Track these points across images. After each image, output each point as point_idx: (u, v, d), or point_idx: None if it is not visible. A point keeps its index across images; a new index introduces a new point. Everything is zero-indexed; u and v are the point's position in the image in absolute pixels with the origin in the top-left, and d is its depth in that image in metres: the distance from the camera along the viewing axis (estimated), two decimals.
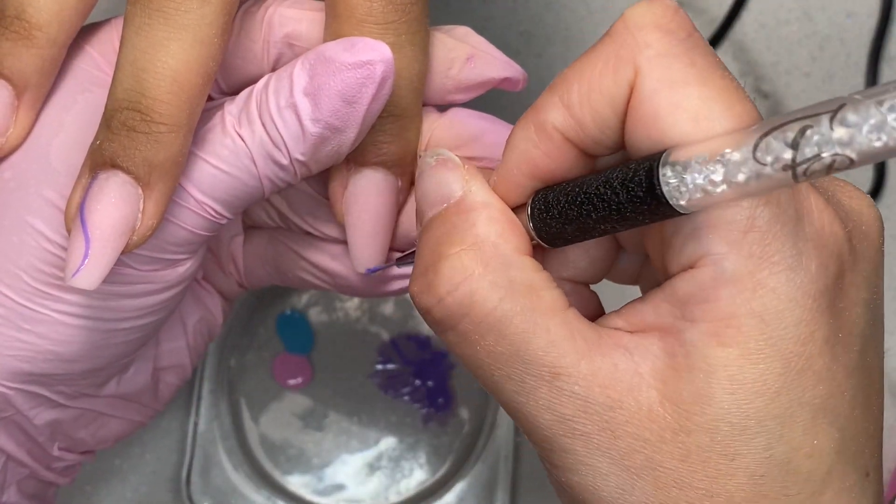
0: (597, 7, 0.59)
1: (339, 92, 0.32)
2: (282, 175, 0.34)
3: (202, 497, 0.54)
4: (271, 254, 0.40)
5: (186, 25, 0.31)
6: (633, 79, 0.28)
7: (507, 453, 0.54)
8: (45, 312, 0.34)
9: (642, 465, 0.29)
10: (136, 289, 0.35)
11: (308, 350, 0.56)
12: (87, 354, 0.36)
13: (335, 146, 0.33)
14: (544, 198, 0.31)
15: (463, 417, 0.56)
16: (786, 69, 0.59)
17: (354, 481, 0.55)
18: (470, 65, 0.35)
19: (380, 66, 0.32)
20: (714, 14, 0.59)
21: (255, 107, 0.33)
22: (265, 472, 0.55)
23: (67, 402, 0.38)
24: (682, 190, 0.26)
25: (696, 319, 0.28)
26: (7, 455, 0.38)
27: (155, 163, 0.31)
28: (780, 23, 0.59)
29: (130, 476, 0.55)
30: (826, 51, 0.59)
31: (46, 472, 0.39)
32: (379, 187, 0.35)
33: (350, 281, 0.38)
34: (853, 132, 0.23)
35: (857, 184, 0.59)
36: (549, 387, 0.29)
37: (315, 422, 0.56)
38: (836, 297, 0.29)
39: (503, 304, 0.29)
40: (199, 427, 0.54)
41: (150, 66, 0.30)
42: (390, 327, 0.56)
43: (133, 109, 0.31)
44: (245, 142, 0.33)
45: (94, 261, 0.31)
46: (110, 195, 0.31)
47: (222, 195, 0.33)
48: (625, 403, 0.29)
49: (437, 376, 0.56)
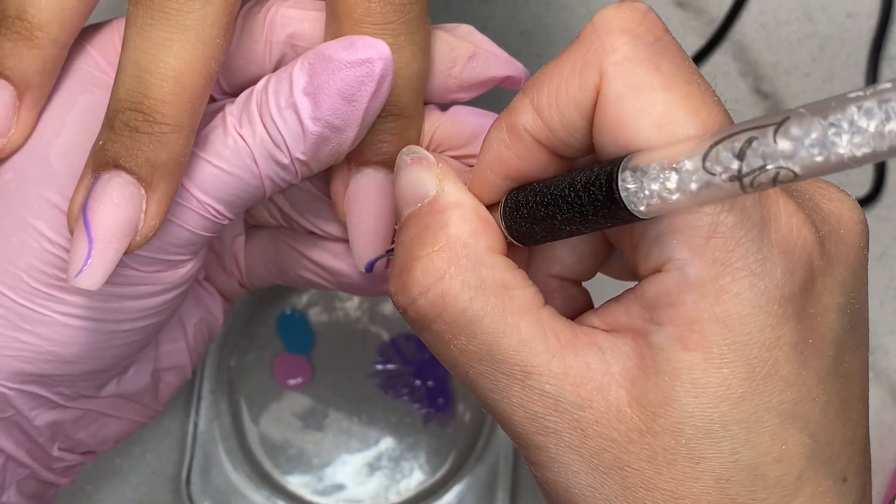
0: (597, 7, 0.59)
1: (338, 90, 0.32)
2: (283, 175, 0.34)
3: (202, 497, 0.54)
4: (273, 253, 0.40)
5: (189, 26, 0.31)
6: (598, 83, 0.28)
7: (507, 453, 0.54)
8: (46, 313, 0.34)
9: (611, 464, 0.29)
10: (137, 290, 0.35)
11: (308, 350, 0.56)
12: (88, 356, 0.36)
13: (335, 145, 0.33)
14: (515, 197, 0.31)
15: (463, 417, 0.56)
16: (786, 69, 0.59)
17: (354, 481, 0.55)
18: (472, 63, 0.35)
19: (378, 63, 0.32)
20: (714, 14, 0.59)
21: (255, 107, 0.33)
22: (265, 471, 0.55)
23: (67, 403, 0.38)
24: (639, 196, 0.26)
25: (663, 323, 0.28)
26: (7, 455, 0.38)
27: (157, 163, 0.31)
28: (780, 23, 0.59)
29: (131, 476, 0.55)
30: (826, 51, 0.59)
31: (46, 472, 0.39)
32: (380, 186, 0.35)
33: (352, 279, 0.38)
34: (796, 145, 0.23)
35: (857, 184, 0.59)
36: (521, 385, 0.29)
37: (315, 422, 0.56)
38: (805, 302, 0.28)
39: (474, 303, 0.29)
40: (199, 427, 0.54)
41: (153, 67, 0.31)
42: (390, 327, 0.56)
43: (135, 110, 0.31)
44: (246, 142, 0.33)
45: (96, 261, 0.31)
46: (113, 195, 0.31)
47: (224, 195, 0.33)
48: (594, 403, 0.29)
49: (437, 376, 0.56)
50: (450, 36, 0.35)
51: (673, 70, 0.28)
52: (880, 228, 0.58)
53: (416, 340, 0.56)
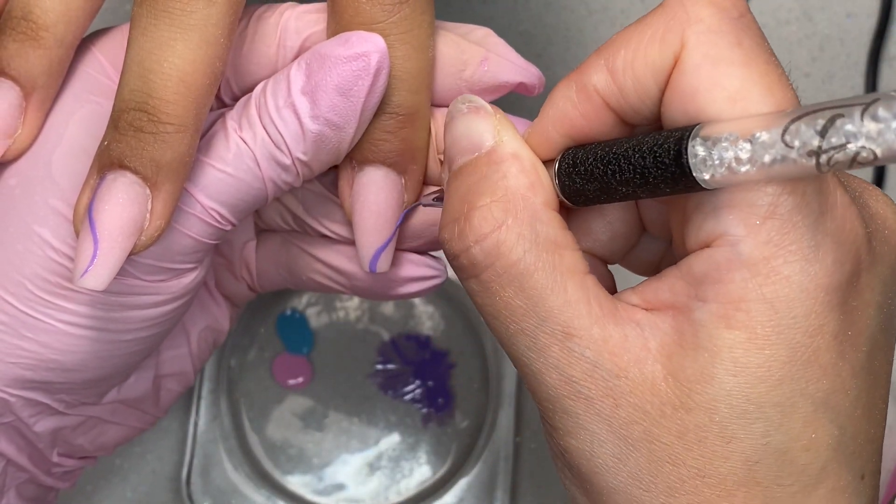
0: (597, 7, 0.59)
1: (335, 86, 0.32)
2: (285, 176, 0.34)
3: (202, 497, 0.54)
4: (284, 257, 0.39)
5: (192, 26, 0.31)
6: (678, 51, 0.28)
7: (507, 453, 0.54)
8: (49, 321, 0.34)
9: (639, 436, 0.29)
10: (140, 300, 0.35)
11: (308, 350, 0.56)
12: (89, 364, 0.35)
13: (335, 143, 0.33)
14: (573, 155, 0.31)
15: (463, 417, 0.56)
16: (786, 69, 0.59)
17: (354, 481, 0.55)
18: (483, 68, 0.35)
19: (374, 56, 0.32)
20: None
21: (254, 110, 0.33)
22: (265, 471, 0.55)
23: (68, 410, 0.38)
24: (707, 164, 0.26)
25: (708, 299, 0.28)
26: (7, 459, 0.38)
27: (162, 163, 0.31)
28: (780, 23, 0.59)
29: (131, 476, 0.55)
30: (826, 51, 0.59)
31: (46, 477, 0.39)
32: (379, 185, 0.35)
33: (364, 281, 0.38)
34: (882, 128, 0.23)
35: None
36: (561, 346, 0.29)
37: (315, 422, 0.56)
38: (849, 294, 0.29)
39: (527, 256, 0.29)
40: (199, 427, 0.54)
41: (157, 67, 0.31)
42: (390, 327, 0.56)
43: (140, 110, 0.31)
44: (248, 144, 0.33)
45: (102, 261, 0.31)
46: (118, 195, 0.31)
47: (228, 199, 0.33)
48: (630, 373, 0.29)
49: (437, 376, 0.56)
50: (461, 39, 0.35)
51: (753, 47, 0.28)
52: None
53: (416, 340, 0.56)
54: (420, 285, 0.38)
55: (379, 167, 0.35)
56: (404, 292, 0.38)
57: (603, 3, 0.59)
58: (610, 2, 0.59)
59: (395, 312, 0.57)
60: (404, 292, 0.38)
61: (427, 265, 0.38)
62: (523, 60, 0.36)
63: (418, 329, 0.56)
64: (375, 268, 0.35)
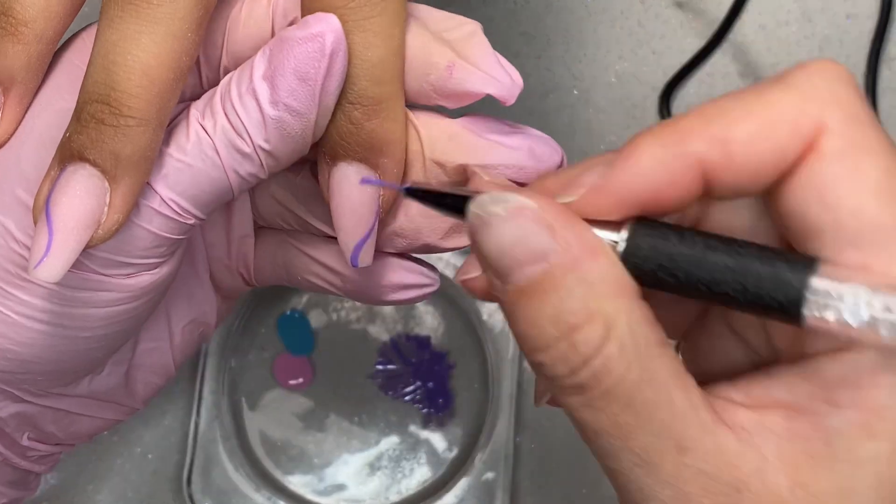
0: (597, 8, 0.59)
1: (293, 69, 0.32)
2: (247, 166, 0.33)
3: (203, 497, 0.54)
4: (282, 257, 0.39)
5: (158, 19, 0.30)
6: (814, 136, 0.26)
7: (507, 453, 0.54)
8: (7, 313, 0.34)
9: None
10: (99, 297, 0.34)
11: (309, 350, 0.56)
12: (46, 357, 0.35)
13: (298, 130, 0.32)
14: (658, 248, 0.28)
15: (463, 417, 0.56)
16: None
17: (355, 481, 0.55)
18: (447, 73, 0.33)
19: (329, 35, 0.31)
20: (714, 15, 0.59)
21: (218, 99, 0.33)
22: (266, 472, 0.55)
23: (33, 399, 0.37)
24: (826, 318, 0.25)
25: (843, 406, 0.26)
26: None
27: (122, 156, 0.31)
28: (780, 24, 0.59)
29: (132, 476, 0.55)
30: (825, 52, 0.59)
31: (20, 460, 0.39)
32: (352, 180, 0.34)
33: (356, 284, 0.38)
34: None
35: None
36: (675, 462, 0.27)
37: (316, 422, 0.56)
38: None
39: (632, 369, 0.27)
40: (200, 427, 0.54)
41: (121, 60, 0.30)
42: (390, 327, 0.57)
43: (102, 102, 0.30)
44: (207, 132, 0.33)
45: (56, 252, 0.30)
46: (76, 187, 0.31)
47: (187, 189, 0.33)
48: (752, 486, 0.27)
49: (437, 376, 0.56)
50: (431, 39, 0.34)
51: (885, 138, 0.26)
52: None
53: (416, 340, 0.56)
54: (412, 293, 0.38)
55: (350, 163, 0.34)
56: (396, 298, 0.38)
57: (603, 4, 0.59)
58: (610, 2, 0.59)
59: (396, 313, 0.57)
60: (396, 298, 0.38)
61: (421, 273, 0.37)
62: (498, 69, 0.33)
63: (418, 329, 0.57)
64: (357, 262, 0.35)
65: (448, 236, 0.36)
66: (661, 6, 0.59)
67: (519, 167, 0.34)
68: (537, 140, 0.34)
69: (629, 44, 0.59)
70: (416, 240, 0.36)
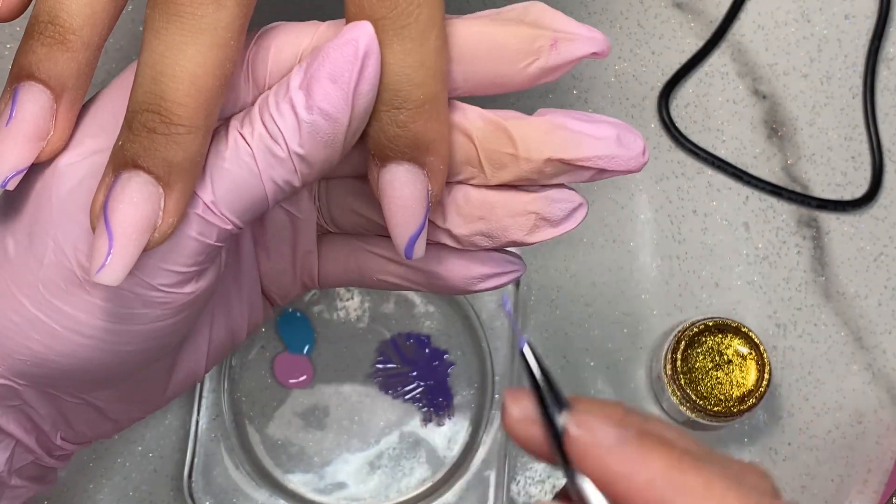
0: (597, 8, 0.59)
1: (327, 74, 0.33)
2: (282, 172, 0.34)
3: (204, 495, 0.54)
4: (354, 262, 0.40)
5: (202, 29, 0.31)
6: None
7: (507, 452, 0.54)
8: (55, 326, 0.35)
9: None
10: (143, 314, 0.35)
11: (309, 349, 0.56)
12: (90, 370, 0.36)
13: (330, 134, 0.33)
14: None
15: (463, 416, 0.56)
16: (784, 70, 0.59)
17: (355, 480, 0.55)
18: (555, 51, 0.35)
19: (363, 39, 0.32)
20: (712, 15, 0.59)
21: (256, 109, 0.34)
22: (266, 470, 0.55)
23: (74, 401, 0.38)
24: None
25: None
26: (16, 441, 0.39)
27: (174, 162, 0.32)
28: (778, 24, 0.59)
29: (133, 474, 0.55)
30: (824, 52, 0.59)
31: (49, 458, 0.40)
32: (402, 180, 0.35)
33: (444, 279, 0.39)
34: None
35: (855, 184, 0.59)
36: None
37: (316, 421, 0.56)
38: None
39: None
40: (200, 426, 0.55)
41: (169, 70, 0.31)
42: (391, 326, 0.57)
43: (153, 111, 0.31)
44: (245, 140, 0.34)
45: (117, 257, 0.32)
46: (132, 194, 0.32)
47: (225, 193, 0.34)
48: None
49: (437, 376, 0.56)
50: (523, 28, 0.35)
51: None
52: (877, 228, 0.58)
53: (417, 340, 0.56)
54: (498, 280, 0.39)
55: (399, 163, 0.35)
56: (483, 287, 0.39)
57: (603, 4, 0.59)
58: (610, 2, 0.59)
59: (396, 312, 0.57)
60: (483, 287, 0.39)
61: (505, 261, 0.39)
62: (584, 28, 0.36)
63: (418, 329, 0.57)
64: (411, 255, 0.36)
65: (532, 232, 0.37)
66: (660, 6, 0.59)
67: (610, 157, 0.36)
68: (622, 128, 0.36)
69: (628, 44, 0.59)
70: (502, 238, 0.37)
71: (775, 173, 0.58)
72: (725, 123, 0.59)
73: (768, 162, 0.58)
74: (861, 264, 0.58)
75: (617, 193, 0.58)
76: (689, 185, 0.58)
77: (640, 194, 0.58)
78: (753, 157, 0.58)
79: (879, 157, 0.58)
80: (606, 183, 0.57)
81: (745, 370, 0.54)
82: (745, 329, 0.54)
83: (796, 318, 0.57)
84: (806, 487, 0.56)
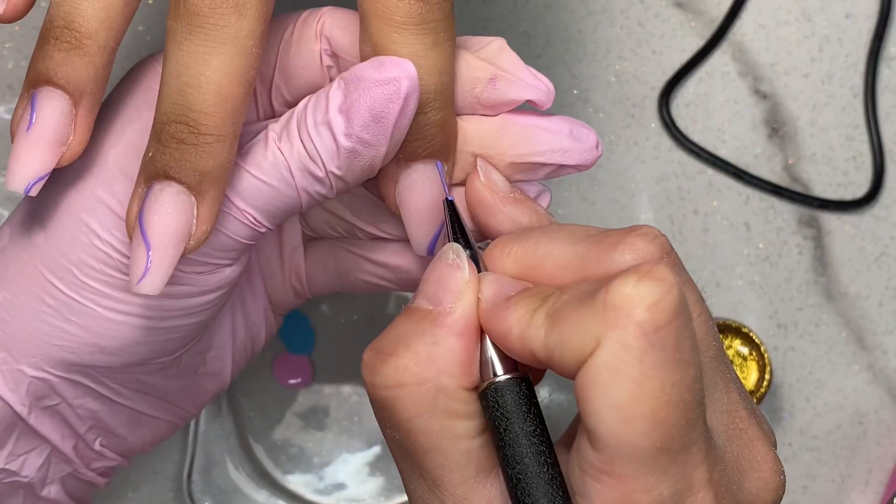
0: (597, 7, 0.59)
1: (368, 108, 0.34)
2: (318, 188, 0.35)
3: (203, 496, 0.54)
4: (332, 263, 0.42)
5: (225, 39, 0.32)
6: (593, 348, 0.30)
7: None
8: (91, 307, 0.36)
9: None
10: (180, 290, 0.37)
11: (309, 350, 0.56)
12: (128, 349, 0.37)
13: (368, 160, 0.35)
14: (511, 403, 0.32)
15: None
16: (784, 70, 0.59)
17: (355, 480, 0.55)
18: (492, 86, 0.36)
19: (405, 82, 0.34)
20: (713, 15, 0.59)
21: (294, 124, 0.35)
22: (266, 471, 0.55)
23: (111, 395, 0.39)
24: None
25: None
26: (52, 447, 0.39)
27: (205, 171, 0.33)
28: (779, 23, 0.59)
29: (132, 475, 0.55)
30: (825, 51, 0.59)
31: (87, 470, 0.41)
32: (432, 179, 0.36)
33: (414, 275, 0.40)
34: None
35: (856, 184, 0.59)
36: (429, 489, 0.33)
37: (316, 421, 0.56)
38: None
39: (417, 421, 0.32)
40: (200, 426, 0.55)
41: (194, 81, 0.32)
42: None
43: (181, 122, 0.32)
44: (284, 155, 0.35)
45: (156, 268, 0.33)
46: (166, 205, 0.33)
47: (262, 204, 0.35)
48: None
49: None
50: (472, 56, 0.36)
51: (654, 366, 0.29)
52: (879, 228, 0.58)
53: None
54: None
55: (427, 162, 0.36)
56: None
57: (603, 4, 0.59)
58: (610, 2, 0.59)
59: (396, 312, 0.57)
60: None
61: None
62: (532, 76, 0.37)
63: None
64: (433, 251, 0.37)
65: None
66: (661, 6, 0.59)
67: (564, 150, 0.37)
68: (574, 123, 0.37)
69: (629, 44, 0.59)
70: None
71: (776, 173, 0.58)
72: (726, 123, 0.58)
73: (769, 162, 0.58)
74: (862, 264, 0.58)
75: (617, 193, 0.58)
76: (690, 185, 0.58)
77: (640, 194, 0.58)
78: (754, 156, 0.58)
79: (880, 156, 0.58)
80: (607, 183, 0.57)
81: (745, 370, 0.54)
82: (745, 329, 0.54)
83: (797, 319, 0.57)
84: (807, 488, 0.56)
